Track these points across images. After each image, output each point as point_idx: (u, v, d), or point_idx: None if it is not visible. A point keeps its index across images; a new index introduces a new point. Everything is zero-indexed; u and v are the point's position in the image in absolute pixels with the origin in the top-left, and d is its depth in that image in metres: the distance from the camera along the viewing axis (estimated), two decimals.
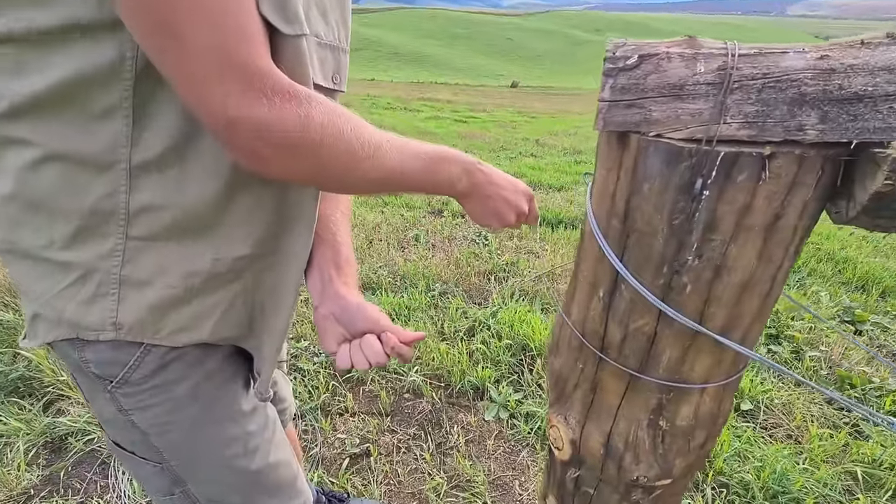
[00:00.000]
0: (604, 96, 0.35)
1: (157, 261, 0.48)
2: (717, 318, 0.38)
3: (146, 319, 0.49)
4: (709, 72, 0.33)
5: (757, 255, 0.35)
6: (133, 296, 0.48)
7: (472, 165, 0.57)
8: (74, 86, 0.40)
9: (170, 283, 0.48)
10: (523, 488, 1.38)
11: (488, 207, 0.61)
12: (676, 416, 0.44)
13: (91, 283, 0.47)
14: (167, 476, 0.60)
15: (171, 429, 0.56)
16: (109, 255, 0.46)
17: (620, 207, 0.38)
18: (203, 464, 0.60)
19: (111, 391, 0.52)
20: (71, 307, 0.48)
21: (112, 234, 0.46)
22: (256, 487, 0.64)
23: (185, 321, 0.51)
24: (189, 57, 0.36)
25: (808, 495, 1.31)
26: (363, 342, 0.58)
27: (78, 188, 0.44)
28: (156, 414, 0.54)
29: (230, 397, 0.59)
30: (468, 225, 3.36)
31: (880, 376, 1.76)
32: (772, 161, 0.31)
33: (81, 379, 0.54)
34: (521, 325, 1.99)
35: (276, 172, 0.44)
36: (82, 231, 0.45)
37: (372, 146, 0.46)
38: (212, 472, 0.61)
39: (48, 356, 1.66)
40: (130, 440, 0.57)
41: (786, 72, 0.31)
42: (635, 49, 0.35)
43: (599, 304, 0.43)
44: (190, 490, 0.61)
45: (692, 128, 0.33)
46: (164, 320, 0.50)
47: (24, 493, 1.27)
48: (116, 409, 0.54)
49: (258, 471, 0.62)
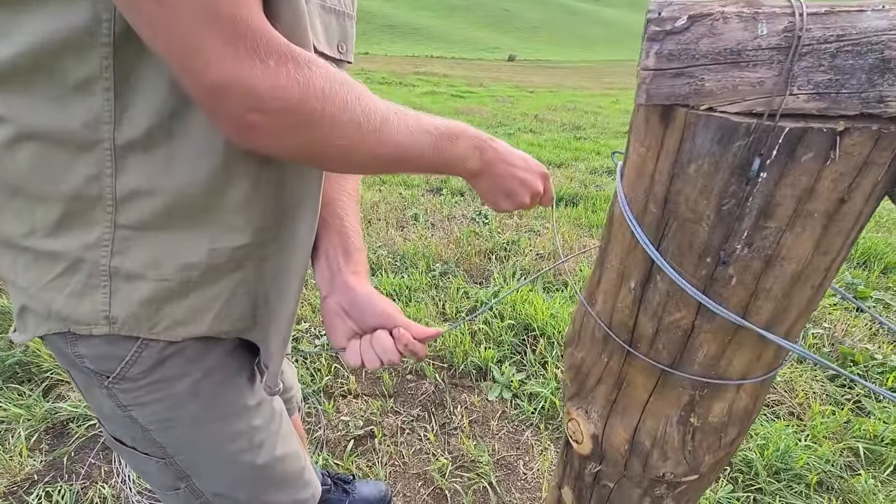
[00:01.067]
0: (647, 64, 0.31)
1: (149, 252, 0.44)
2: (763, 311, 0.35)
3: (140, 313, 0.45)
4: (773, 34, 0.28)
5: (814, 245, 0.32)
6: (125, 288, 0.44)
7: (484, 142, 0.53)
8: (45, 53, 0.35)
9: (163, 276, 0.45)
10: (528, 468, 1.39)
11: (500, 187, 0.56)
12: (709, 413, 0.41)
13: (79, 275, 0.43)
14: (171, 471, 0.57)
15: (172, 425, 0.53)
16: (97, 245, 0.42)
17: (660, 191, 0.34)
18: (207, 459, 0.57)
19: (108, 387, 0.49)
20: (60, 300, 0.44)
21: (99, 221, 0.42)
22: (263, 481, 0.61)
23: (182, 315, 0.47)
24: (168, 10, 0.31)
25: (810, 472, 1.32)
26: (374, 339, 0.54)
27: (58, 171, 0.40)
28: (155, 410, 0.52)
29: (234, 393, 0.56)
30: (467, 203, 3.31)
31: (883, 353, 1.76)
32: (844, 138, 0.28)
33: (76, 374, 0.51)
34: (523, 305, 1.98)
35: (270, 146, 0.39)
36: (66, 218, 0.41)
37: (379, 118, 0.41)
38: (217, 467, 0.58)
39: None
40: (131, 436, 0.55)
41: (864, 33, 0.27)
42: (684, 8, 0.30)
43: (630, 296, 0.40)
44: (195, 485, 0.59)
45: (752, 100, 0.29)
46: (159, 314, 0.46)
47: (28, 479, 1.27)
48: (115, 405, 0.51)
49: (265, 465, 0.60)
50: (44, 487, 1.23)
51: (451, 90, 11.88)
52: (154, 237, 0.43)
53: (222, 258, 0.47)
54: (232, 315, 0.51)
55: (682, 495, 0.49)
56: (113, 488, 1.25)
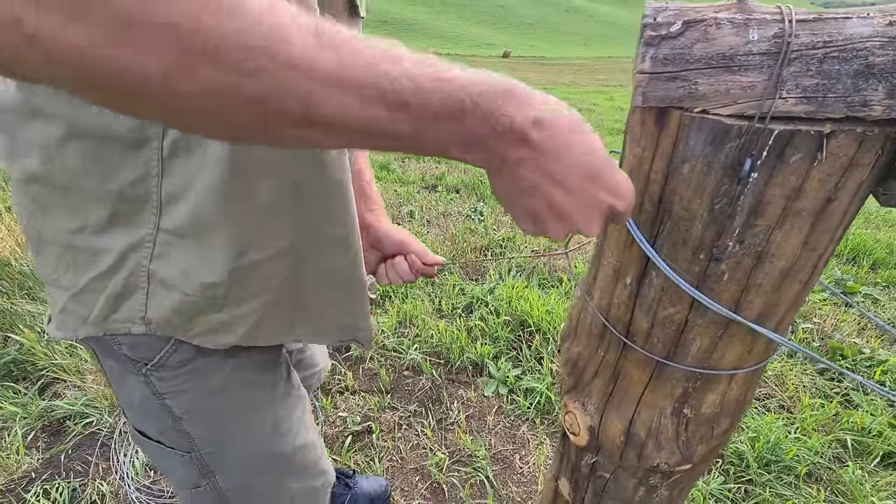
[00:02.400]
0: (643, 68, 0.32)
1: (183, 262, 0.44)
2: (753, 306, 0.36)
3: (173, 319, 0.46)
4: (763, 40, 0.29)
5: (802, 242, 0.33)
6: (161, 293, 0.45)
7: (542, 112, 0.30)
8: None
9: (188, 292, 0.45)
10: (524, 462, 1.41)
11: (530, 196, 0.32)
12: (702, 404, 0.43)
13: (121, 275, 0.44)
14: (195, 466, 0.57)
15: (206, 414, 0.54)
16: (140, 246, 0.43)
17: (655, 191, 0.36)
18: (234, 450, 0.58)
19: (146, 374, 0.50)
20: (100, 301, 0.45)
21: (144, 223, 0.42)
22: (284, 470, 0.62)
23: (214, 325, 0.48)
24: None
25: (799, 463, 1.35)
26: (395, 264, 0.66)
27: (107, 169, 0.40)
28: (190, 399, 0.52)
29: (265, 383, 0.57)
30: (463, 200, 3.32)
31: (871, 347, 1.80)
32: (830, 140, 0.29)
33: (111, 363, 0.51)
34: (518, 302, 1.99)
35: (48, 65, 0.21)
36: (115, 217, 0.42)
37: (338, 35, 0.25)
38: (242, 457, 0.59)
39: (40, 340, 1.62)
40: (159, 428, 0.54)
41: (850, 40, 0.28)
42: (678, 14, 0.31)
43: (626, 291, 0.41)
44: (217, 481, 0.59)
45: (743, 103, 0.30)
46: (191, 322, 0.47)
47: (25, 477, 1.27)
48: (150, 393, 0.51)
49: (288, 454, 0.61)
50: (41, 485, 1.23)
51: None
52: (187, 247, 0.44)
53: (247, 274, 0.46)
54: (268, 325, 0.51)
55: (676, 484, 0.50)
56: (111, 485, 1.25)
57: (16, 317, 1.71)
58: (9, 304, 1.76)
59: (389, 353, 1.79)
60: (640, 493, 0.52)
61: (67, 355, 1.60)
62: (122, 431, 1.40)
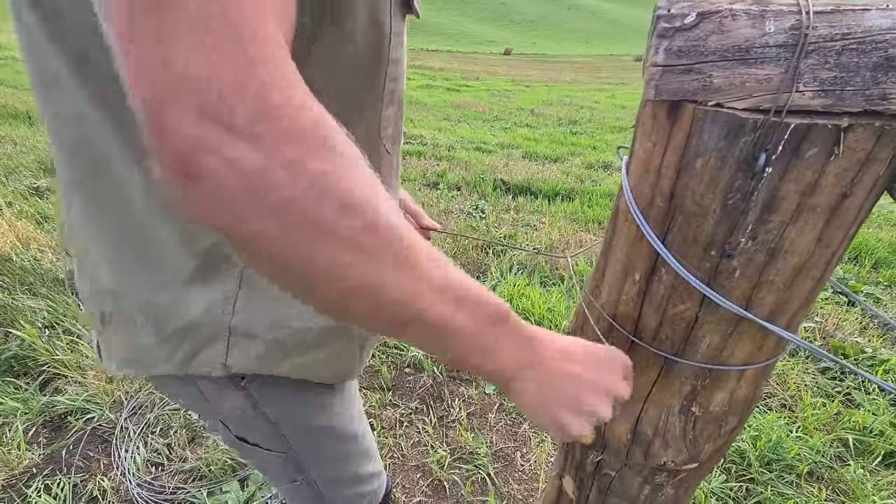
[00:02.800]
0: (657, 60, 0.31)
1: (267, 311, 0.45)
2: (765, 303, 0.36)
3: (253, 365, 0.47)
4: (780, 32, 0.29)
5: (816, 238, 0.33)
6: (243, 343, 0.46)
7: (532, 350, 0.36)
8: None
9: (273, 338, 0.46)
10: (525, 459, 1.41)
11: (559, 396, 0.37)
12: (711, 402, 0.42)
13: (202, 329, 0.44)
14: (290, 464, 0.61)
15: (297, 416, 0.56)
16: (223, 302, 0.44)
17: (666, 185, 0.35)
18: (320, 440, 0.61)
19: (244, 387, 0.51)
20: (183, 349, 0.45)
21: (225, 278, 0.43)
22: (359, 454, 0.68)
23: (295, 368, 0.49)
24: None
25: (801, 462, 1.35)
26: None
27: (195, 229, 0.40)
28: (284, 405, 0.55)
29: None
30: (464, 198, 3.31)
31: (873, 346, 1.80)
32: (847, 134, 0.28)
33: (206, 384, 0.51)
34: (520, 299, 1.99)
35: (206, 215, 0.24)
36: (198, 272, 0.42)
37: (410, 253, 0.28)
38: (328, 446, 0.62)
39: (41, 335, 1.62)
40: (259, 434, 0.57)
41: (869, 32, 0.28)
42: (693, 5, 0.31)
43: (634, 288, 0.41)
44: (311, 475, 0.64)
45: (759, 96, 0.29)
46: (270, 366, 0.48)
47: (27, 472, 1.27)
48: (249, 405, 0.53)
49: (360, 436, 0.66)
50: (43, 480, 1.23)
51: (446, 84, 11.82)
52: (271, 298, 0.44)
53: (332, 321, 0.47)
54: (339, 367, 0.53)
55: (682, 483, 0.50)
56: (112, 481, 1.25)
57: (17, 312, 1.71)
58: (10, 300, 1.76)
59: (391, 350, 1.78)
60: (646, 492, 0.52)
61: (69, 351, 1.60)
62: (123, 427, 1.40)
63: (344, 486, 0.69)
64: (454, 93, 10.20)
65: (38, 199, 2.60)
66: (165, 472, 1.29)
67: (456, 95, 9.66)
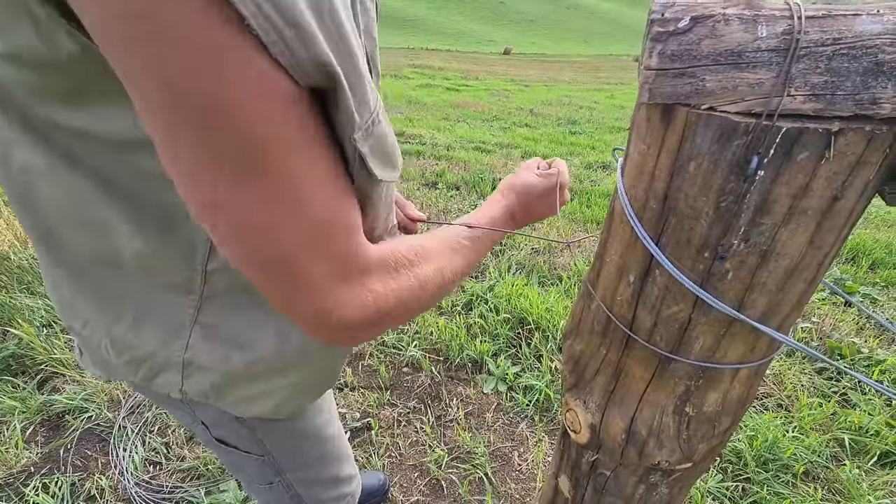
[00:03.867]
0: (650, 64, 0.32)
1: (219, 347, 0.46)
2: (757, 305, 0.36)
3: (209, 392, 0.48)
4: (772, 36, 0.29)
5: (808, 241, 0.33)
6: (197, 375, 0.47)
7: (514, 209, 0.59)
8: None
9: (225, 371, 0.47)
10: (522, 459, 1.41)
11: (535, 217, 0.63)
12: (704, 403, 0.43)
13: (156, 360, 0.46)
14: (269, 467, 0.62)
15: (273, 422, 0.57)
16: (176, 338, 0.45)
17: (660, 188, 0.35)
18: (299, 440, 0.62)
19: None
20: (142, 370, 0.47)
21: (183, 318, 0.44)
22: (337, 455, 0.69)
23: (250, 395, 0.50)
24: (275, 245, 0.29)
25: (797, 462, 1.35)
26: None
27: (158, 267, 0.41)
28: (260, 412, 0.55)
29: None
30: (463, 197, 3.31)
31: (869, 347, 1.80)
32: (838, 138, 0.29)
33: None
34: (518, 299, 1.99)
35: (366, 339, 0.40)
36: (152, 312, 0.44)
37: (452, 278, 0.46)
38: (306, 445, 0.63)
39: (38, 334, 1.62)
40: (237, 437, 0.58)
41: (860, 37, 0.28)
42: (686, 9, 0.31)
43: (629, 289, 0.41)
44: (287, 477, 0.64)
45: (751, 100, 0.30)
46: (224, 395, 0.49)
47: (24, 471, 1.27)
48: (221, 410, 0.53)
49: (337, 437, 0.68)
50: (40, 479, 1.23)
51: (445, 83, 11.82)
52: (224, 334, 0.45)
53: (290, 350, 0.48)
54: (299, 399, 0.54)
55: (676, 482, 0.51)
56: (110, 480, 1.25)
57: (14, 311, 1.71)
58: (8, 298, 1.76)
59: (389, 349, 1.79)
60: (641, 491, 0.52)
61: (66, 350, 1.60)
62: (121, 426, 1.40)
63: (323, 488, 0.69)
64: (453, 92, 10.19)
65: None
66: (163, 471, 1.29)
67: (455, 95, 9.66)
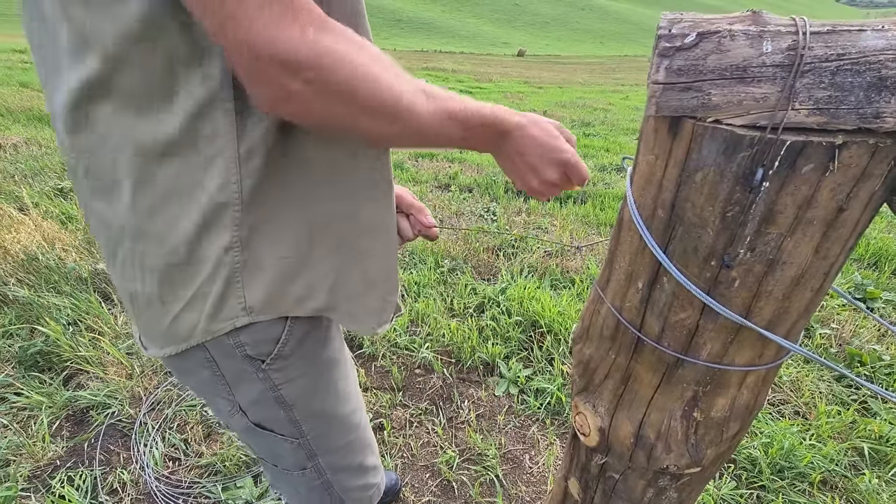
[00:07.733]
0: (658, 78, 0.33)
1: (265, 243, 0.48)
2: (764, 312, 0.37)
3: (268, 298, 0.49)
4: (777, 52, 0.30)
5: (813, 250, 0.33)
6: (254, 278, 0.48)
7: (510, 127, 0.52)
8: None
9: (273, 266, 0.49)
10: (533, 461, 1.41)
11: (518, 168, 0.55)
12: (712, 408, 0.43)
13: (221, 276, 0.47)
14: (303, 451, 0.64)
15: (311, 398, 0.59)
16: (232, 246, 0.46)
17: (667, 197, 0.36)
18: (332, 425, 0.64)
19: (265, 369, 0.54)
20: (207, 306, 0.48)
21: (231, 223, 0.45)
22: (363, 443, 0.71)
23: (302, 292, 0.51)
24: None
25: (814, 470, 1.33)
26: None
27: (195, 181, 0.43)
28: (301, 385, 0.58)
29: (343, 358, 0.64)
30: (476, 200, 3.32)
31: (891, 354, 1.76)
32: (842, 151, 0.29)
33: (228, 365, 0.53)
34: (530, 302, 2.00)
35: (302, 116, 0.39)
36: (206, 225, 0.45)
37: (407, 106, 0.42)
38: (337, 432, 0.65)
39: (65, 332, 1.68)
40: (275, 418, 0.59)
41: (863, 52, 0.29)
42: (693, 25, 0.32)
43: (637, 296, 0.42)
44: (320, 463, 0.66)
45: (756, 114, 0.30)
46: (282, 296, 0.50)
47: (51, 464, 1.32)
48: (267, 388, 0.55)
49: (364, 425, 0.70)
50: (66, 472, 1.28)
51: (459, 85, 11.84)
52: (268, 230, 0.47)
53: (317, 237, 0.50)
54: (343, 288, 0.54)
55: (685, 487, 0.51)
56: (132, 474, 1.29)
57: (42, 309, 1.78)
58: (35, 297, 1.82)
59: (401, 351, 1.81)
60: (650, 495, 0.53)
61: (91, 347, 1.65)
62: (142, 423, 1.45)
63: (350, 475, 0.71)
64: (467, 94, 10.20)
65: (62, 200, 2.69)
66: (182, 466, 1.33)
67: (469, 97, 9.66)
